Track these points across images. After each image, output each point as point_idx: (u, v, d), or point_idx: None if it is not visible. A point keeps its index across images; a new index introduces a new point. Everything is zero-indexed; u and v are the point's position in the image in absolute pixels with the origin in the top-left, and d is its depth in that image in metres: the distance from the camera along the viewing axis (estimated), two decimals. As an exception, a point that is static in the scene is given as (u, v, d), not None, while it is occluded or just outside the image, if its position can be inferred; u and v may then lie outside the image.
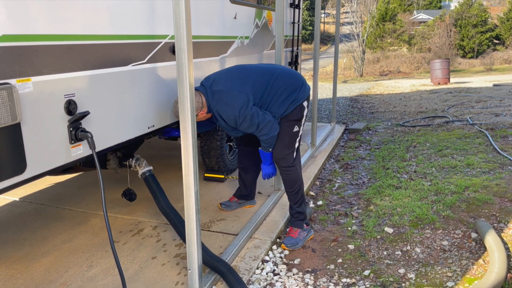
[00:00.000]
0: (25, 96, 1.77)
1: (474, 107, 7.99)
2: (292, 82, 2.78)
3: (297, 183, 2.92)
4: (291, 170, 2.88)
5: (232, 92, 2.65)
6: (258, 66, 2.87)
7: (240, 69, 2.83)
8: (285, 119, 2.79)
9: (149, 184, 2.73)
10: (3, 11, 1.66)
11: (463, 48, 29.20)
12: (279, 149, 2.83)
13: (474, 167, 4.31)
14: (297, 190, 2.93)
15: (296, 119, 2.81)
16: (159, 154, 4.93)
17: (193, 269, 2.20)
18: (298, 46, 5.63)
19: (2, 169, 1.72)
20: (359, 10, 24.56)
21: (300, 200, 2.96)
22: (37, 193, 3.74)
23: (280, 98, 2.73)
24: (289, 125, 2.80)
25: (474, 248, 2.80)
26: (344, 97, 11.88)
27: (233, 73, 2.79)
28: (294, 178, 2.91)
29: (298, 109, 2.79)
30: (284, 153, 2.84)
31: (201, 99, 2.68)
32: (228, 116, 2.65)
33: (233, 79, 2.73)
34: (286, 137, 2.81)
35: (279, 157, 2.86)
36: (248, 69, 2.82)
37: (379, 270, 2.64)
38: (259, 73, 2.77)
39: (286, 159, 2.85)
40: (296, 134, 2.85)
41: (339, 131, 6.36)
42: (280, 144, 2.82)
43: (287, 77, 2.79)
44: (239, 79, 2.71)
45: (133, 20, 2.45)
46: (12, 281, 2.41)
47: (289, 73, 2.85)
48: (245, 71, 2.79)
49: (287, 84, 2.76)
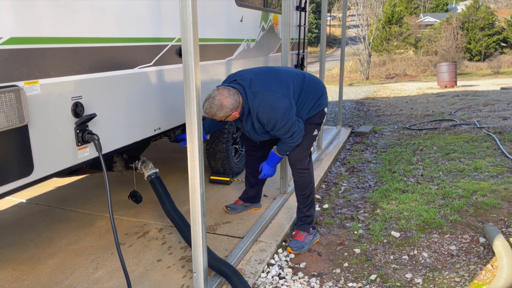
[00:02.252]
0: (32, 99, 1.78)
1: (482, 111, 7.93)
2: (318, 88, 2.83)
3: (309, 186, 2.92)
4: (306, 173, 2.88)
5: (276, 95, 2.53)
6: (288, 70, 2.80)
7: (273, 71, 2.73)
8: (308, 122, 2.80)
9: (155, 187, 2.73)
10: (11, 14, 1.67)
11: (470, 51, 29.04)
12: (298, 151, 2.82)
13: (482, 171, 4.27)
14: (309, 193, 2.93)
15: (317, 122, 2.84)
16: (165, 156, 4.93)
17: (198, 272, 2.19)
18: (304, 49, 5.63)
19: (9, 171, 1.73)
20: (365, 13, 24.54)
21: (310, 204, 2.95)
22: (44, 195, 3.76)
23: (310, 103, 2.75)
24: (311, 128, 2.82)
25: (482, 253, 2.77)
26: (350, 100, 11.84)
27: (269, 75, 2.65)
28: (308, 180, 2.90)
29: (321, 113, 2.84)
30: (301, 155, 2.84)
31: (239, 98, 2.51)
32: (269, 119, 2.52)
33: (271, 81, 2.60)
34: (306, 140, 2.81)
35: (296, 158, 2.84)
36: (281, 72, 2.72)
37: (386, 274, 2.62)
38: (293, 78, 2.71)
39: (302, 161, 2.85)
40: (314, 138, 2.87)
41: (345, 134, 6.33)
42: (299, 146, 2.80)
43: (314, 83, 2.82)
44: (277, 82, 2.61)
45: (140, 22, 2.45)
46: (18, 282, 2.42)
47: (315, 79, 2.88)
48: (279, 74, 2.69)
49: (315, 90, 2.79)
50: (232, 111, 2.50)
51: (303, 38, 5.52)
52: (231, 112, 2.50)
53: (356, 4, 24.91)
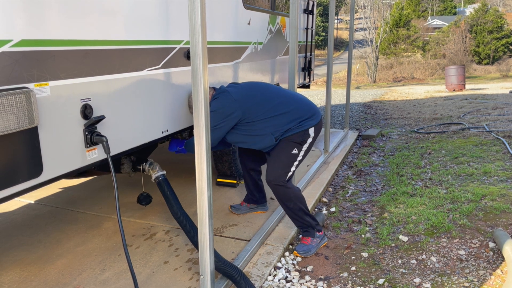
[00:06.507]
0: (42, 100, 1.79)
1: (491, 114, 7.86)
2: (301, 108, 2.80)
3: (289, 200, 2.81)
4: (279, 188, 2.79)
5: (226, 92, 2.75)
6: (273, 88, 2.94)
7: (257, 84, 2.95)
8: (286, 139, 2.77)
9: (162, 189, 2.74)
10: (21, 16, 1.69)
11: (478, 55, 28.84)
12: (273, 165, 2.80)
13: (491, 175, 4.23)
14: (291, 206, 2.83)
15: (297, 141, 2.77)
16: (172, 158, 4.95)
17: (205, 274, 2.19)
18: (311, 52, 5.63)
19: (19, 172, 1.74)
20: (372, 16, 24.49)
21: (299, 214, 2.86)
22: (52, 196, 3.79)
23: (283, 119, 2.73)
24: (289, 146, 2.77)
25: (492, 258, 2.73)
26: (357, 103, 11.80)
27: (248, 84, 2.91)
28: (284, 195, 2.81)
29: (302, 133, 2.77)
30: (277, 172, 2.77)
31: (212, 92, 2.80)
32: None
33: (241, 86, 2.85)
34: (282, 156, 2.77)
35: (269, 173, 2.80)
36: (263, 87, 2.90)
37: (394, 279, 2.59)
38: (271, 93, 2.84)
39: (276, 177, 2.78)
40: (293, 157, 2.79)
41: (352, 137, 6.31)
42: (276, 161, 2.78)
43: (297, 103, 2.83)
44: (246, 90, 2.82)
45: (149, 25, 2.47)
46: (26, 283, 2.43)
47: (302, 100, 2.88)
48: (258, 86, 2.89)
49: (296, 109, 2.78)
50: None
51: (310, 41, 5.52)
52: None
53: (364, 7, 24.86)
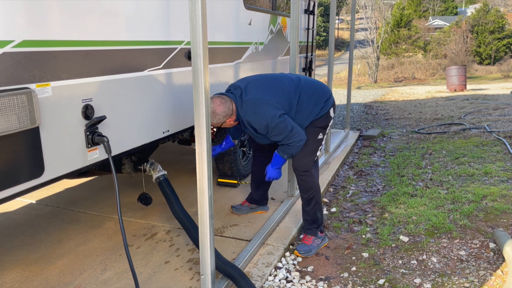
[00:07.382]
0: (44, 101, 1.80)
1: (492, 115, 7.85)
2: (321, 91, 2.81)
3: (312, 189, 2.90)
4: (306, 175, 2.86)
5: (260, 100, 2.62)
6: (281, 76, 2.87)
7: (264, 77, 2.82)
8: (312, 125, 2.79)
9: (163, 189, 2.75)
10: (23, 16, 1.69)
11: (479, 55, 28.80)
12: (301, 154, 2.81)
13: (492, 176, 4.23)
14: (311, 196, 2.91)
15: (322, 126, 2.82)
16: (173, 158, 4.96)
17: (206, 274, 2.19)
18: (312, 52, 5.63)
19: (20, 172, 1.75)
20: (373, 16, 24.48)
21: (314, 207, 2.93)
22: (53, 196, 3.79)
23: (309, 106, 2.74)
24: (315, 132, 2.80)
25: (492, 258, 2.74)
26: (358, 103, 11.80)
27: (261, 82, 2.75)
28: (309, 183, 2.88)
29: (325, 117, 2.81)
30: (305, 159, 2.83)
31: (232, 106, 2.64)
32: (260, 124, 2.62)
33: (261, 88, 2.70)
34: (310, 143, 2.79)
35: (299, 161, 2.84)
36: (273, 78, 2.81)
37: (394, 279, 2.60)
38: (286, 82, 2.76)
39: (304, 164, 2.84)
40: (319, 142, 2.85)
41: (353, 138, 6.31)
42: (303, 149, 2.79)
43: (315, 87, 2.81)
44: (267, 88, 2.70)
45: (150, 26, 2.47)
46: (28, 283, 2.44)
47: (316, 83, 2.88)
48: (270, 80, 2.78)
49: (317, 94, 2.78)
50: (225, 118, 2.64)
51: (311, 41, 5.52)
52: (224, 119, 2.64)
53: (365, 7, 24.85)
